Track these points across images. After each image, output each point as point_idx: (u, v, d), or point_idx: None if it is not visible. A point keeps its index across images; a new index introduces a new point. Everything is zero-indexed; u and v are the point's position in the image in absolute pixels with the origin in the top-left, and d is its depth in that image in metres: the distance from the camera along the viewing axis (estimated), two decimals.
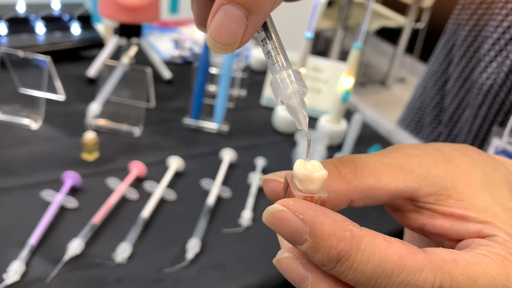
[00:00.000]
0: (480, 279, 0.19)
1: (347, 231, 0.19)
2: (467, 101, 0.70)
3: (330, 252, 0.18)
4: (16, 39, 0.85)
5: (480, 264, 0.19)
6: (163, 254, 0.51)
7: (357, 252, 0.18)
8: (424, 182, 0.22)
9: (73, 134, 0.67)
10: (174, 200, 0.59)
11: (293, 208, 0.19)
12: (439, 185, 0.22)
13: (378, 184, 0.22)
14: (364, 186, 0.22)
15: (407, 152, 0.24)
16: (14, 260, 0.46)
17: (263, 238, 0.56)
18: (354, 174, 0.22)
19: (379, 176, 0.22)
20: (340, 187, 0.21)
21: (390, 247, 0.19)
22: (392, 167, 0.22)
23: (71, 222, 0.53)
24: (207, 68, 0.73)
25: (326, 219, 0.19)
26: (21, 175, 0.58)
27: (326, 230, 0.18)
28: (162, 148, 0.69)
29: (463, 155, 0.24)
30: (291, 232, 0.19)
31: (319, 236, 0.18)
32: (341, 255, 0.18)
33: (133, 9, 0.78)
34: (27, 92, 0.69)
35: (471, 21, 0.70)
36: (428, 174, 0.23)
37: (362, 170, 0.22)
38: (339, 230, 0.18)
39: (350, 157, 0.23)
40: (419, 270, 0.18)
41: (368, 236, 0.19)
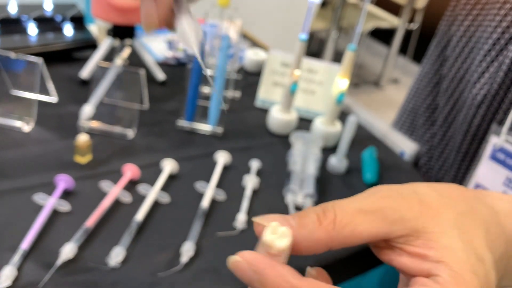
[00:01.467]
0: None
1: (287, 283, 0.23)
2: (462, 101, 0.70)
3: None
4: (7, 40, 0.84)
5: None
6: (157, 257, 0.51)
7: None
8: (396, 227, 0.25)
9: (65, 137, 0.67)
10: (168, 203, 0.59)
11: (248, 260, 0.25)
12: (410, 228, 0.25)
13: (353, 233, 0.25)
14: (340, 236, 0.25)
15: (384, 196, 0.26)
16: (6, 265, 0.45)
17: (258, 241, 0.56)
18: (333, 225, 0.25)
19: (354, 225, 0.25)
20: (321, 237, 0.25)
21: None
22: (367, 215, 0.25)
23: (64, 226, 0.52)
24: (201, 70, 0.73)
25: (272, 272, 0.24)
26: (12, 178, 0.58)
27: (271, 282, 0.24)
28: (156, 151, 0.68)
29: (441, 196, 0.27)
30: (247, 279, 0.25)
31: (266, 286, 0.24)
32: None
33: (126, 10, 0.77)
34: (19, 93, 0.68)
35: (466, 21, 0.70)
36: (401, 218, 0.25)
37: (340, 220, 0.25)
38: (282, 282, 0.23)
39: (331, 205, 0.26)
40: None
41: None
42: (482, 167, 0.62)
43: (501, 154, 0.59)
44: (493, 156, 0.60)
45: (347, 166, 0.72)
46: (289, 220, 0.26)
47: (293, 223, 0.26)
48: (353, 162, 0.74)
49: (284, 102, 0.76)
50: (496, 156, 0.59)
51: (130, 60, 0.79)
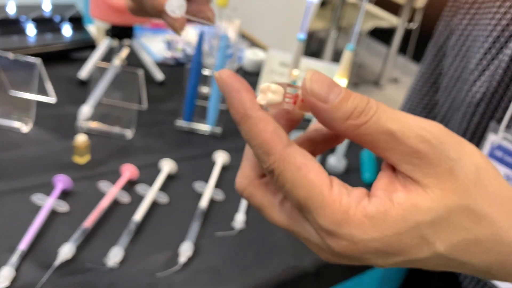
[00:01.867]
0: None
1: (243, 108, 0.24)
2: (460, 99, 0.70)
3: (234, 116, 0.24)
4: (6, 41, 0.84)
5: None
6: (155, 258, 0.51)
7: (245, 122, 0.24)
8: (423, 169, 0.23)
9: (64, 137, 0.67)
10: (167, 203, 0.59)
11: (223, 77, 0.25)
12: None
13: (371, 145, 0.24)
14: (357, 138, 0.24)
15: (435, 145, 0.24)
16: (4, 265, 0.45)
17: (256, 241, 0.56)
18: (357, 128, 0.24)
19: (376, 143, 0.24)
20: (340, 130, 0.24)
21: (264, 132, 0.24)
22: (398, 144, 0.23)
23: (62, 226, 0.52)
24: (199, 70, 0.73)
25: (236, 95, 0.24)
26: (11, 179, 0.58)
27: (233, 103, 0.24)
28: (154, 151, 0.68)
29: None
30: (223, 91, 0.25)
31: (230, 105, 0.24)
32: (237, 120, 0.24)
33: (125, 10, 0.77)
34: (18, 94, 0.68)
35: (464, 20, 0.70)
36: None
37: (370, 128, 0.24)
38: (239, 106, 0.24)
39: (375, 107, 0.24)
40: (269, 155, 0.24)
41: (254, 117, 0.24)
42: None
43: (499, 152, 0.59)
44: (491, 154, 0.60)
45: (346, 166, 0.72)
46: (332, 94, 0.24)
47: (332, 98, 0.23)
48: (352, 161, 0.74)
49: None
50: (494, 153, 0.59)
51: (129, 61, 0.79)
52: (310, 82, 0.24)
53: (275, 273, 0.52)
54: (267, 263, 0.53)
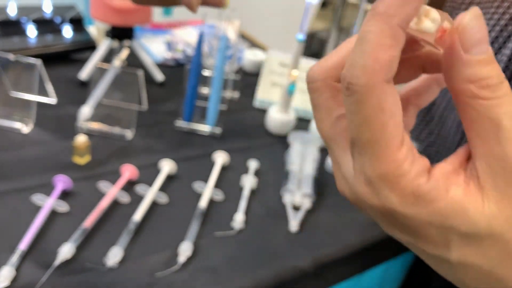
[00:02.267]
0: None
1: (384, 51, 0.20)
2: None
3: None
4: (7, 42, 0.85)
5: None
6: (155, 258, 0.51)
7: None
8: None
9: (64, 138, 0.67)
10: (166, 203, 0.59)
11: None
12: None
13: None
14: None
15: None
16: (4, 265, 0.45)
17: (256, 241, 0.56)
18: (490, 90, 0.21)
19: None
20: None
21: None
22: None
23: (62, 227, 0.53)
24: (199, 71, 0.73)
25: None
26: (11, 179, 0.58)
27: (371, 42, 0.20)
28: (154, 151, 0.69)
29: None
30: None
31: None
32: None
33: (125, 11, 0.77)
34: (18, 95, 0.68)
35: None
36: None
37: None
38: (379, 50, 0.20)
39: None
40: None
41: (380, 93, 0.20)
42: None
43: None
44: None
45: None
46: (477, 48, 0.21)
47: (476, 52, 0.20)
48: None
49: (282, 102, 0.76)
50: None
51: (130, 61, 0.79)
52: (470, 20, 0.20)
53: (274, 273, 0.52)
54: (267, 263, 0.53)
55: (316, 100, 0.25)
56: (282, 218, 0.60)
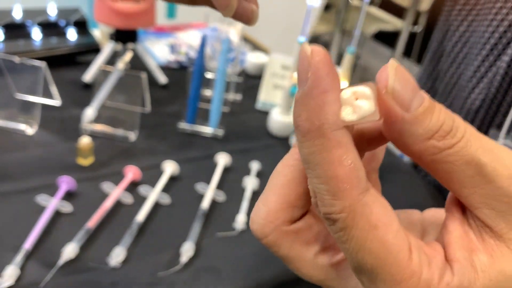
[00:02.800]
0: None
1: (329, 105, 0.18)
2: (456, 106, 0.71)
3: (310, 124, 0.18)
4: (12, 45, 0.86)
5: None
6: (157, 258, 0.52)
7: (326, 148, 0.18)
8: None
9: (68, 139, 0.68)
10: (169, 204, 0.60)
11: (316, 52, 0.18)
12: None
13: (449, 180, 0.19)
14: (430, 166, 0.19)
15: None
16: (9, 264, 0.46)
17: (257, 242, 0.56)
18: (441, 153, 0.19)
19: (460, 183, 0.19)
20: (418, 151, 0.19)
21: (354, 169, 0.18)
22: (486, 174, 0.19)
23: (66, 227, 0.53)
24: (202, 73, 0.74)
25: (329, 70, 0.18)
26: (16, 180, 0.59)
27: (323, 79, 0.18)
28: (157, 153, 0.69)
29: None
30: (303, 66, 0.18)
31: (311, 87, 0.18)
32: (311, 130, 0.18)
33: (129, 14, 0.78)
34: (23, 97, 0.69)
35: (461, 27, 0.70)
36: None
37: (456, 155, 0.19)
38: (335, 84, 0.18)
39: (463, 129, 0.19)
40: (339, 198, 0.18)
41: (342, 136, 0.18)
42: None
43: None
44: None
45: None
46: (415, 101, 0.18)
47: (415, 106, 0.18)
48: None
49: (284, 105, 0.77)
50: None
51: (133, 64, 0.80)
52: (393, 78, 0.18)
53: (276, 273, 0.52)
54: (268, 263, 0.53)
55: (280, 253, 0.22)
56: None
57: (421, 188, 0.73)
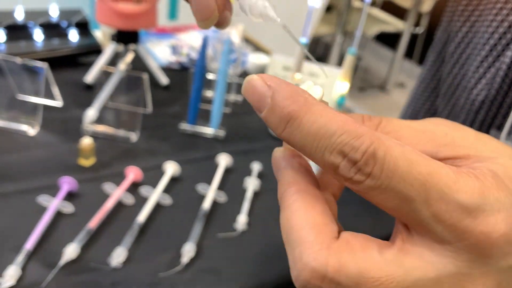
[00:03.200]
0: (420, 165, 0.19)
1: (301, 97, 0.20)
2: (459, 107, 0.71)
3: (282, 112, 0.20)
4: (14, 46, 0.86)
5: (428, 159, 0.20)
6: (158, 258, 0.52)
7: (306, 113, 0.20)
8: (444, 148, 0.22)
9: (70, 140, 0.68)
10: (170, 205, 0.60)
11: (264, 77, 0.21)
12: (461, 152, 0.22)
13: None
14: None
15: (436, 122, 0.24)
16: (10, 264, 0.46)
17: (259, 242, 0.56)
18: (375, 127, 0.23)
19: (399, 136, 0.23)
20: None
21: (338, 115, 0.20)
22: (416, 131, 0.23)
23: (67, 227, 0.53)
24: (203, 74, 0.74)
25: (287, 87, 0.21)
26: (17, 181, 0.59)
27: (284, 94, 0.20)
28: (158, 153, 0.69)
29: (497, 140, 0.23)
30: (258, 97, 0.21)
31: (277, 99, 0.20)
32: (291, 114, 0.20)
33: (130, 16, 0.78)
34: (25, 98, 0.69)
35: (464, 28, 0.70)
36: (452, 142, 0.22)
37: (384, 126, 0.23)
38: (295, 95, 0.20)
39: (379, 116, 0.24)
40: (359, 135, 0.19)
41: (319, 104, 0.20)
42: None
43: None
44: None
45: None
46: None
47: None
48: None
49: None
50: None
51: (135, 65, 0.80)
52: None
53: (277, 274, 0.52)
54: (269, 264, 0.53)
55: (350, 272, 0.20)
56: None
57: None
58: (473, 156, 0.21)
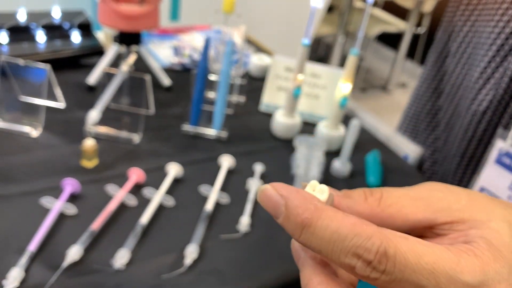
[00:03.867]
0: (426, 255, 0.21)
1: (311, 204, 0.23)
2: (462, 107, 0.70)
3: (296, 220, 0.22)
4: (17, 48, 0.86)
5: (431, 247, 0.22)
6: (161, 260, 0.52)
7: (318, 220, 0.22)
8: (442, 214, 0.25)
9: (72, 141, 0.68)
10: (173, 207, 0.60)
11: (276, 187, 0.24)
12: (456, 216, 0.24)
13: (398, 214, 0.25)
14: (385, 214, 0.25)
15: (432, 188, 0.26)
16: (14, 266, 0.46)
17: (261, 243, 0.56)
18: (378, 202, 0.25)
19: (400, 207, 0.25)
20: (364, 211, 0.25)
21: (346, 218, 0.22)
22: (414, 199, 0.25)
23: (70, 229, 0.53)
24: (206, 75, 0.74)
25: (297, 195, 0.23)
26: (20, 182, 0.59)
27: (296, 203, 0.23)
28: (161, 155, 0.69)
29: (492, 198, 0.26)
30: (273, 205, 0.23)
31: (291, 207, 0.23)
32: (305, 222, 0.22)
33: (133, 17, 0.78)
34: (28, 100, 0.69)
35: (465, 27, 0.70)
36: (448, 207, 0.25)
37: (386, 199, 0.25)
38: (306, 203, 0.23)
39: (379, 188, 0.26)
40: (369, 236, 0.21)
41: (329, 210, 0.23)
42: (487, 171, 0.62)
43: (506, 159, 0.59)
44: (498, 161, 0.60)
45: (350, 170, 0.72)
46: (335, 191, 0.26)
47: (339, 193, 0.26)
48: (356, 165, 0.74)
49: (287, 107, 0.77)
50: (501, 160, 0.59)
51: (137, 66, 0.80)
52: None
53: (279, 275, 0.52)
54: (272, 265, 0.53)
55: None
56: None
57: None
58: (468, 220, 0.24)
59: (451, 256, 0.22)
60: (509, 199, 0.58)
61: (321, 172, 0.69)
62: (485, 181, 0.62)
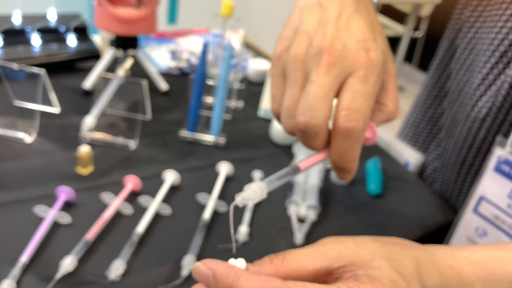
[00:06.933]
0: None
1: (232, 271, 0.29)
2: (462, 114, 0.70)
3: (223, 285, 0.29)
4: (11, 51, 0.85)
5: (324, 287, 0.29)
6: (157, 271, 0.50)
7: (237, 282, 0.29)
8: (334, 260, 0.30)
9: (67, 148, 0.67)
10: (170, 215, 0.59)
11: (205, 262, 0.30)
12: (347, 260, 0.30)
13: (300, 268, 0.30)
14: (289, 269, 0.30)
15: (325, 242, 0.32)
16: (5, 278, 0.45)
17: (260, 253, 0.55)
18: (281, 261, 0.31)
19: (300, 262, 0.31)
20: (271, 271, 0.30)
21: (258, 277, 0.29)
22: (312, 254, 0.31)
23: (64, 238, 0.52)
24: (204, 80, 0.73)
25: (221, 266, 0.29)
26: (13, 190, 0.58)
27: (221, 272, 0.29)
28: (157, 162, 0.68)
29: (375, 241, 0.32)
30: (204, 278, 0.30)
31: (217, 276, 0.29)
32: (230, 285, 0.29)
33: (129, 21, 0.77)
34: (22, 104, 0.68)
35: (469, 34, 0.69)
36: (339, 254, 0.31)
37: (288, 258, 0.31)
38: (228, 271, 0.29)
39: (283, 252, 0.32)
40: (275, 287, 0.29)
41: (245, 273, 0.29)
42: (486, 180, 0.61)
43: (506, 167, 0.58)
44: (497, 168, 0.59)
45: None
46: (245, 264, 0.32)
47: (249, 266, 0.32)
48: (357, 172, 0.73)
49: None
50: (500, 168, 0.58)
51: (134, 71, 0.79)
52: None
53: None
54: None
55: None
56: (287, 230, 0.59)
57: (427, 197, 0.72)
58: (356, 263, 0.30)
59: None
60: (509, 208, 0.57)
61: (321, 180, 0.68)
62: (484, 189, 0.61)
